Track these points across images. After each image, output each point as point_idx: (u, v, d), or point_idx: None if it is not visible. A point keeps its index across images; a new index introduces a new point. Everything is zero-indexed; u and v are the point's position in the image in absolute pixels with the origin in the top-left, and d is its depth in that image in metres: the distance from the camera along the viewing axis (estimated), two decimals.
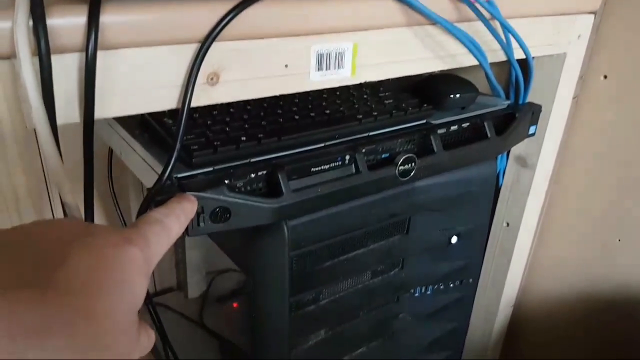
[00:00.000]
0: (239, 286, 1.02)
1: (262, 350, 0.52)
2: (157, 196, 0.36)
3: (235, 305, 0.92)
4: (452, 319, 0.65)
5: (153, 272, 1.07)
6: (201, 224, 0.38)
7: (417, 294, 0.61)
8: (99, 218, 0.86)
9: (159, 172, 0.36)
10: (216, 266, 1.03)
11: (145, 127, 0.47)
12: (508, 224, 0.76)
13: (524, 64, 0.57)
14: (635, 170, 0.65)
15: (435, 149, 0.50)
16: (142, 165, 0.43)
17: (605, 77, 0.65)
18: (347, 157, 0.45)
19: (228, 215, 0.39)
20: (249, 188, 0.41)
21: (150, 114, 0.46)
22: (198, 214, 0.37)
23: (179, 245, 1.03)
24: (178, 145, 0.35)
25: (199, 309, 0.94)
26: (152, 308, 0.64)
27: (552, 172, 0.72)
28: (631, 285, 0.68)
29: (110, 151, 0.65)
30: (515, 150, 0.72)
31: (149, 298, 0.79)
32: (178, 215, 0.31)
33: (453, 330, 0.65)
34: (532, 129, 0.61)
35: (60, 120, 0.32)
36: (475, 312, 0.83)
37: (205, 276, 1.01)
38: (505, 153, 0.75)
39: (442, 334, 0.64)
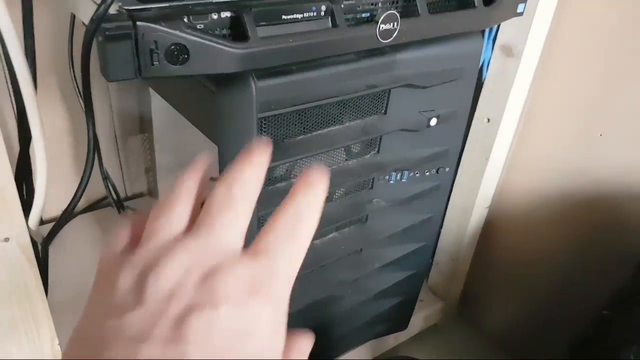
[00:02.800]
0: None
1: None
2: (104, 23, 0.31)
3: None
4: (426, 209, 0.63)
5: (123, 178, 1.02)
6: (155, 63, 0.33)
7: (392, 181, 0.59)
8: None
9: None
10: None
11: None
12: (489, 120, 0.74)
13: None
14: (623, 61, 0.62)
15: (420, 12, 0.46)
16: (90, 5, 0.38)
17: None
18: (324, 7, 0.41)
19: (186, 56, 0.34)
20: (210, 32, 0.36)
21: None
22: (151, 51, 0.33)
23: (147, 152, 0.98)
24: None
25: None
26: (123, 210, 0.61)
27: (537, 64, 0.69)
28: (610, 179, 0.67)
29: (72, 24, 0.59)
30: (501, 38, 0.69)
31: (119, 202, 0.76)
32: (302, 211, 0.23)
33: (427, 220, 0.64)
34: (520, 7, 0.57)
35: None
36: (451, 210, 0.83)
37: None
38: (490, 42, 0.71)
39: (415, 223, 0.63)
